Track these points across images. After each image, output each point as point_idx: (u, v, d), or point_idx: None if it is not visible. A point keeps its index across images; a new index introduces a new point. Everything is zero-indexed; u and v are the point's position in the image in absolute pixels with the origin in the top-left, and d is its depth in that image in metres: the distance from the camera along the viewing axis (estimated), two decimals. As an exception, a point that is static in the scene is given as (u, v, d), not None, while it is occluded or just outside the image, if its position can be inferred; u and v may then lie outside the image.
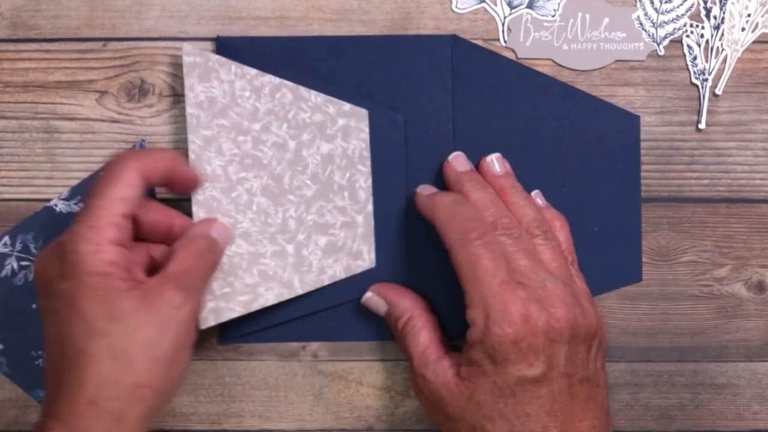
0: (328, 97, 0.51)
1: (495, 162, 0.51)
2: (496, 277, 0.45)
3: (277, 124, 0.50)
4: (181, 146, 0.52)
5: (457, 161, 0.50)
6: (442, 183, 0.51)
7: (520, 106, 0.52)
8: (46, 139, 0.53)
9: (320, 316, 0.52)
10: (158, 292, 0.44)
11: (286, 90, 0.50)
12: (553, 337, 0.45)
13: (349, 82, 0.51)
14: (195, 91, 0.49)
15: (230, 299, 0.50)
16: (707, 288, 0.53)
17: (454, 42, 0.52)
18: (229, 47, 0.51)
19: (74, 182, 0.53)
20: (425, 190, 0.50)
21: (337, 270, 0.51)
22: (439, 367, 0.47)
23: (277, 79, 0.50)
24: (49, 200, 0.52)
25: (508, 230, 0.47)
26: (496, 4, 0.52)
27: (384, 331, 0.52)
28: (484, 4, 0.52)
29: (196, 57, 0.50)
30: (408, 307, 0.50)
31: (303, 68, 0.51)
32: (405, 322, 0.50)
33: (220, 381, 0.53)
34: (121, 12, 0.52)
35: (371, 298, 0.51)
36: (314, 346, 0.53)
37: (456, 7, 0.52)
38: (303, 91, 0.50)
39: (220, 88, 0.50)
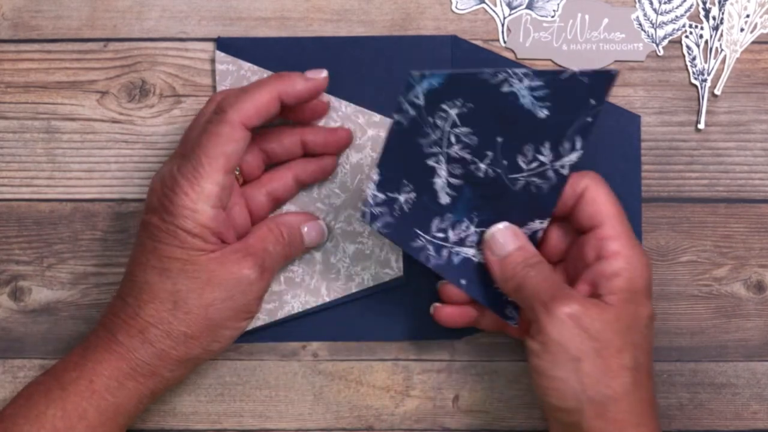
0: (359, 108, 0.51)
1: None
2: None
3: None
4: (181, 146, 0.52)
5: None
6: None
7: (519, 107, 0.52)
8: (47, 139, 0.53)
9: (320, 316, 0.52)
10: (237, 260, 0.46)
11: None
12: None
13: (349, 82, 0.51)
14: None
15: None
16: (706, 288, 0.53)
17: (454, 42, 0.52)
18: (230, 48, 0.52)
19: (75, 182, 0.53)
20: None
21: (365, 278, 0.52)
22: None
23: None
24: (50, 200, 0.53)
25: None
26: (495, 5, 0.52)
27: (384, 331, 0.53)
28: (483, 5, 0.52)
29: (228, 65, 0.51)
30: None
31: (303, 69, 0.51)
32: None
33: (221, 380, 0.53)
34: (122, 12, 0.52)
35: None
36: (314, 345, 0.53)
37: (456, 7, 0.52)
38: (334, 100, 0.51)
39: None
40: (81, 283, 0.53)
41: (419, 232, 0.47)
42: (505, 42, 0.52)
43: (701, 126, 0.52)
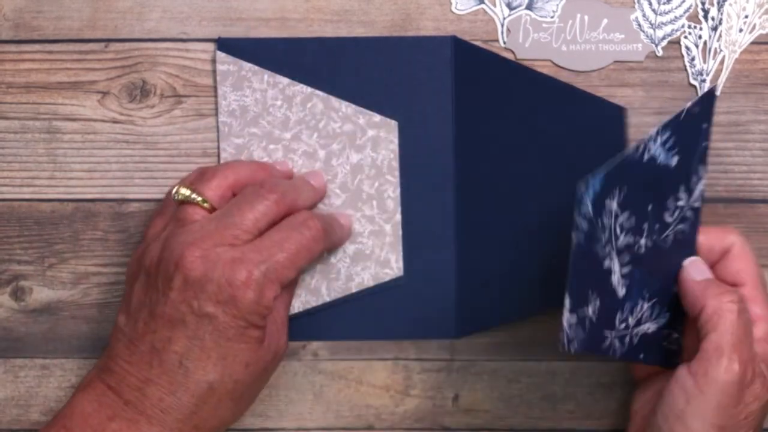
0: (359, 108, 0.51)
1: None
2: None
3: (308, 134, 0.51)
4: (180, 146, 0.53)
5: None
6: (437, 182, 0.51)
7: (521, 107, 0.52)
8: (48, 139, 0.53)
9: (320, 316, 0.52)
10: (278, 337, 0.47)
11: (317, 100, 0.51)
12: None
13: (350, 83, 0.51)
14: (228, 99, 0.51)
15: None
16: (706, 288, 0.53)
17: (455, 43, 0.52)
18: (231, 48, 0.52)
19: (76, 182, 0.53)
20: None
21: (365, 278, 0.52)
22: None
23: (309, 89, 0.51)
24: (51, 200, 0.53)
25: None
26: (495, 5, 0.52)
27: (384, 330, 0.53)
28: (483, 5, 0.52)
29: (229, 65, 0.51)
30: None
31: (303, 69, 0.51)
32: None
33: (221, 380, 0.53)
34: (123, 13, 0.53)
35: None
36: (314, 345, 0.53)
37: (455, 8, 0.52)
38: (334, 101, 0.51)
39: (252, 97, 0.51)
40: (82, 283, 0.53)
41: (606, 332, 0.46)
42: (504, 42, 0.52)
43: (700, 126, 0.52)
